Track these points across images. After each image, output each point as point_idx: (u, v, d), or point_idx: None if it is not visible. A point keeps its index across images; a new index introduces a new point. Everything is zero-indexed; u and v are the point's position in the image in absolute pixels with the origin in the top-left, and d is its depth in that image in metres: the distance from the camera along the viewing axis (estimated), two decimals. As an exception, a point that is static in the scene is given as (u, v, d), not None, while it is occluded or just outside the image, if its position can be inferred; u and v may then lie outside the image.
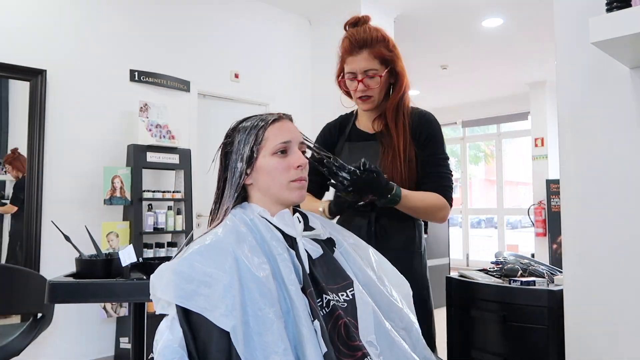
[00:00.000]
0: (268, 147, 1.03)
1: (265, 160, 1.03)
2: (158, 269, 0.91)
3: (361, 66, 1.42)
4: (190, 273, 0.87)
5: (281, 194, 1.03)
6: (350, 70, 1.44)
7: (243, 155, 1.03)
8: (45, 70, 3.12)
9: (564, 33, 1.59)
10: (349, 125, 1.58)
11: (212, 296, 0.85)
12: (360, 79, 1.43)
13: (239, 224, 0.98)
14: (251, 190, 1.07)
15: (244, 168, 1.03)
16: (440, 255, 5.37)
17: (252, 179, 1.05)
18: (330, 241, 1.10)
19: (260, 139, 1.03)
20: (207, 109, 3.98)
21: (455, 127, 8.48)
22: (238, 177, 1.03)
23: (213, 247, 0.92)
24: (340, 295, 0.98)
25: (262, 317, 0.85)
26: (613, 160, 1.47)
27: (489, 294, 1.91)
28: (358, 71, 1.43)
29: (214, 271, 0.87)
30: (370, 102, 1.47)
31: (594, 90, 1.51)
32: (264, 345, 0.83)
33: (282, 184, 1.03)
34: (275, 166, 1.02)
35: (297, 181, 1.03)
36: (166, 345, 0.84)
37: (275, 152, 1.03)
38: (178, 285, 0.86)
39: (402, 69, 1.49)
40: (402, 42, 5.20)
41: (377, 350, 0.94)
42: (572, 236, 1.56)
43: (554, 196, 6.00)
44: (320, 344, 0.87)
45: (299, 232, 1.03)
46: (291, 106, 4.28)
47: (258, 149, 1.03)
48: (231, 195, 1.04)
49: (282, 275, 0.93)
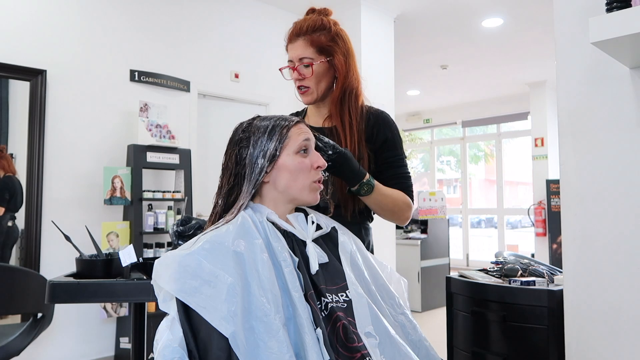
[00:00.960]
0: (292, 145, 1.04)
1: (289, 159, 1.03)
2: (164, 255, 0.90)
3: (297, 53, 1.34)
4: (196, 269, 0.86)
5: (300, 193, 1.04)
6: (289, 58, 1.36)
7: (266, 152, 1.02)
8: (45, 70, 3.12)
9: (564, 33, 1.59)
10: None
11: (214, 297, 0.84)
12: (295, 66, 1.35)
13: (251, 224, 0.97)
14: (265, 189, 1.05)
15: (265, 165, 1.02)
16: (440, 255, 5.38)
17: (270, 177, 1.04)
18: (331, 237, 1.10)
19: (285, 138, 1.04)
20: (207, 109, 3.98)
21: (455, 127, 8.49)
22: (258, 173, 1.02)
23: (223, 246, 0.91)
24: (340, 295, 0.98)
25: (268, 322, 0.84)
26: (613, 160, 1.47)
27: (489, 294, 1.91)
28: (295, 59, 1.35)
29: (220, 272, 0.86)
30: (309, 95, 1.38)
31: (594, 90, 1.51)
32: (268, 352, 0.82)
33: (305, 184, 1.04)
34: (298, 165, 1.03)
35: (317, 182, 1.05)
36: (166, 344, 0.84)
37: (298, 151, 1.04)
38: (182, 279, 0.85)
39: (342, 63, 1.36)
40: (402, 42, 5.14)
41: (377, 340, 0.95)
42: (572, 236, 1.56)
43: (554, 196, 6.01)
44: (322, 352, 0.87)
45: (310, 235, 1.03)
46: (291, 106, 4.27)
47: (282, 147, 1.03)
48: (249, 191, 1.02)
49: (287, 281, 0.92)
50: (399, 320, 1.07)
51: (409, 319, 1.09)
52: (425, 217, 5.37)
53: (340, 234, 1.12)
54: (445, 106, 8.20)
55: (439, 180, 9.10)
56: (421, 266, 5.08)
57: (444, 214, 5.46)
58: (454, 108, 8.16)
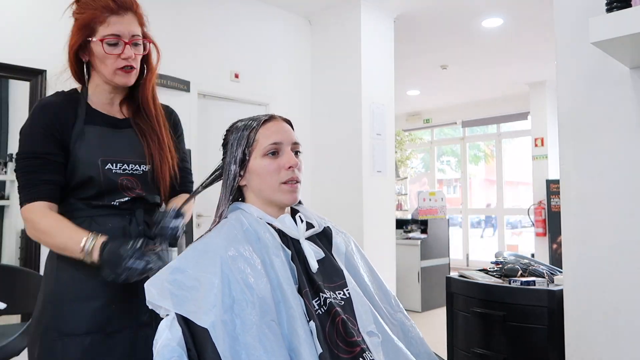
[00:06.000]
0: (259, 148, 1.03)
1: (257, 162, 1.03)
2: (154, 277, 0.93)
3: (129, 29, 1.19)
4: (182, 280, 0.89)
5: (273, 195, 1.04)
6: (115, 32, 1.17)
7: (236, 158, 1.04)
8: (45, 70, 3.12)
9: (564, 33, 1.58)
10: (81, 106, 1.24)
11: (198, 298, 0.87)
12: (128, 41, 1.19)
13: (234, 227, 0.99)
14: (246, 192, 1.08)
15: (237, 170, 1.04)
16: (440, 255, 5.38)
17: (245, 180, 1.05)
18: (325, 235, 1.10)
19: (252, 141, 1.04)
20: (207, 109, 3.98)
21: (455, 127, 8.49)
22: (232, 179, 1.04)
23: (203, 252, 0.94)
24: (337, 293, 0.98)
25: (244, 318, 0.86)
26: (613, 160, 1.47)
27: (489, 294, 1.91)
28: (125, 34, 1.18)
29: (202, 275, 0.89)
30: (133, 76, 1.24)
31: (594, 90, 1.51)
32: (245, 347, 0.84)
33: (274, 186, 1.03)
34: (265, 168, 1.02)
35: (288, 183, 1.03)
36: (165, 344, 0.84)
37: (265, 154, 1.03)
38: (173, 292, 0.88)
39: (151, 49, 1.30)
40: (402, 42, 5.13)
41: (380, 339, 0.96)
42: (572, 236, 1.56)
43: (554, 196, 6.01)
44: (315, 344, 0.87)
45: (302, 234, 1.03)
46: (291, 106, 4.28)
47: (250, 151, 1.03)
48: (226, 197, 1.05)
49: (278, 276, 0.93)
50: (398, 319, 1.08)
51: (407, 317, 1.10)
52: (425, 217, 5.39)
53: (334, 233, 1.12)
54: (445, 106, 8.20)
55: (439, 180, 9.10)
56: (421, 266, 5.08)
57: (444, 214, 5.48)
58: (454, 108, 8.15)
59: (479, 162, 10.27)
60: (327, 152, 4.16)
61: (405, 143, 7.93)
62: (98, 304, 1.16)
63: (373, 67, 4.06)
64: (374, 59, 4.08)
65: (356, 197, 3.93)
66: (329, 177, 4.12)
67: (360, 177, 3.91)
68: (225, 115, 4.02)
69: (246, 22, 4.16)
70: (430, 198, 5.46)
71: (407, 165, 8.02)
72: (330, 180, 4.11)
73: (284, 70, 4.39)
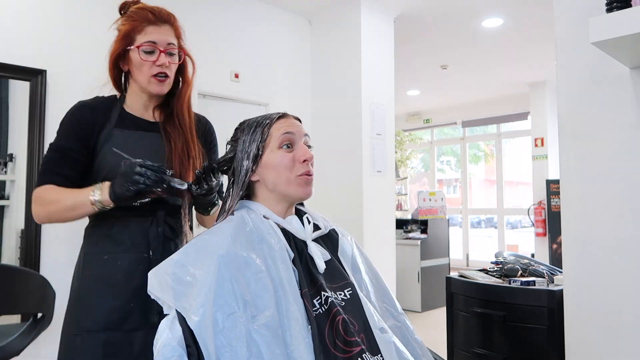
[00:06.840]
0: (273, 142, 1.04)
1: (272, 155, 1.03)
2: (157, 267, 0.93)
3: (165, 38, 1.27)
4: (180, 274, 0.89)
5: (288, 189, 1.03)
6: (151, 39, 1.25)
7: (249, 153, 1.04)
8: (45, 70, 3.12)
9: (564, 33, 1.59)
10: (116, 109, 1.32)
11: (191, 296, 0.87)
12: (163, 49, 1.27)
13: (237, 226, 0.99)
14: (258, 188, 1.07)
15: (250, 166, 1.03)
16: (440, 255, 5.38)
17: (258, 175, 1.05)
18: (330, 237, 1.10)
19: (266, 136, 1.04)
20: (207, 109, 3.98)
21: (455, 127, 8.49)
22: (244, 175, 1.04)
23: (203, 248, 0.94)
24: (338, 294, 0.98)
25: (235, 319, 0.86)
26: (613, 160, 1.47)
27: (489, 294, 1.91)
28: (161, 43, 1.27)
29: (198, 272, 0.89)
30: (167, 85, 1.31)
31: (594, 90, 1.51)
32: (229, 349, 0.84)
33: (289, 179, 1.02)
34: (280, 160, 1.02)
35: (304, 176, 1.03)
36: (165, 343, 0.84)
37: (280, 146, 1.03)
38: (172, 286, 0.88)
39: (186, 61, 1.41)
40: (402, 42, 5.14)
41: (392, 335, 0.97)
42: (572, 236, 1.56)
43: (554, 196, 6.01)
44: (314, 346, 0.88)
45: (309, 235, 1.03)
46: (291, 106, 4.28)
47: (264, 146, 1.04)
48: (237, 193, 1.04)
49: (281, 276, 0.93)
50: (401, 320, 1.08)
51: (408, 319, 1.11)
52: (425, 217, 5.39)
53: (340, 236, 1.12)
54: (445, 106, 8.20)
55: (439, 180, 9.10)
56: (421, 266, 5.08)
57: (444, 214, 5.48)
58: (454, 108, 8.15)
59: (479, 162, 10.27)
60: (327, 152, 4.16)
61: (405, 143, 7.92)
62: (118, 302, 1.19)
63: (373, 67, 4.06)
64: (374, 59, 4.08)
65: (356, 197, 3.93)
66: (328, 177, 4.12)
67: (360, 177, 3.91)
68: (225, 115, 4.02)
69: (246, 22, 4.16)
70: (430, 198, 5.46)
71: (407, 165, 8.01)
72: (330, 180, 4.11)
73: (284, 70, 4.39)
